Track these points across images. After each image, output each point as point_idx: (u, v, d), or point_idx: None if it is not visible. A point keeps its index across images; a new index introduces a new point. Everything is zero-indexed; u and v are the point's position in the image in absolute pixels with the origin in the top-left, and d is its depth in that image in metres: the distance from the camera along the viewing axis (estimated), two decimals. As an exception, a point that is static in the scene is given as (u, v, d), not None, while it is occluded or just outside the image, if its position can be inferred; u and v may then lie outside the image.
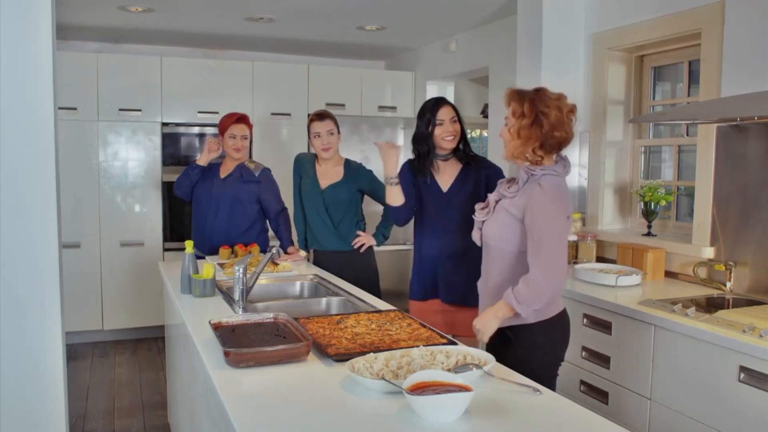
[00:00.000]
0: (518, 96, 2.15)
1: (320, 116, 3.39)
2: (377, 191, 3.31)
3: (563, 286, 2.17)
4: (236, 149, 3.59)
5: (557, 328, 2.15)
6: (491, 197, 2.22)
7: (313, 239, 3.45)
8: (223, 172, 3.66)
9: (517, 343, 2.10)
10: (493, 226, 2.15)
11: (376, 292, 3.21)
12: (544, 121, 2.07)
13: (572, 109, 2.15)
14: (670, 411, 2.33)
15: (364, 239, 3.34)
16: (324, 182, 3.39)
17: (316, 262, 3.44)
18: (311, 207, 3.39)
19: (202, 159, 3.64)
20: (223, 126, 3.61)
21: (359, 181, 3.38)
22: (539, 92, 2.14)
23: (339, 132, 3.43)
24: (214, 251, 3.48)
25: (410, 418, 1.41)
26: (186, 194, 3.69)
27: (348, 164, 3.43)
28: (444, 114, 2.68)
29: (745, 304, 2.56)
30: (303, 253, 3.51)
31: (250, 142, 5.34)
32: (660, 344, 2.38)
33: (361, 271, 3.32)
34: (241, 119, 3.62)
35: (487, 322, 2.06)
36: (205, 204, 3.60)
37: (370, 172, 3.44)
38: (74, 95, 4.86)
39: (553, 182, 2.09)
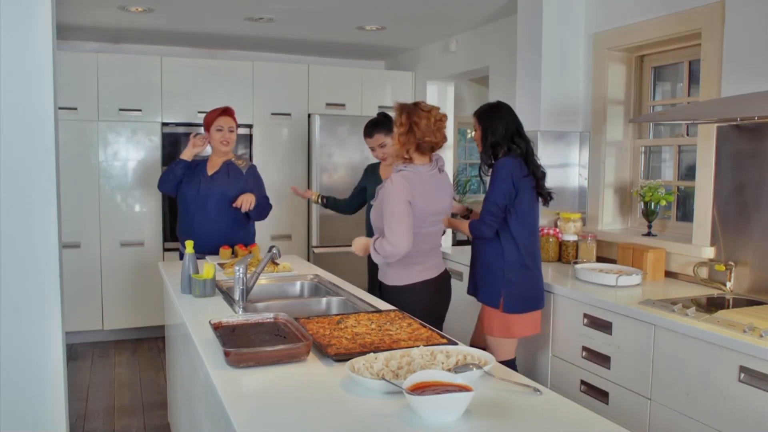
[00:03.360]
0: (399, 109, 2.71)
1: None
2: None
3: (404, 254, 2.62)
4: (224, 142, 3.58)
5: (409, 294, 2.74)
6: (377, 189, 2.77)
7: None
8: (210, 169, 3.63)
9: (383, 297, 2.78)
10: (373, 210, 2.78)
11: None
12: (416, 129, 2.63)
13: (441, 118, 2.69)
14: (671, 411, 2.33)
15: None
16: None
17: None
18: None
19: (187, 154, 3.60)
20: (209, 120, 3.59)
21: None
22: (415, 105, 2.70)
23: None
24: (203, 249, 3.41)
25: (410, 418, 1.41)
26: (171, 189, 3.66)
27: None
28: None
29: (745, 304, 2.56)
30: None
31: (250, 141, 5.38)
32: (660, 344, 2.38)
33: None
34: (227, 111, 3.62)
35: (361, 244, 2.77)
36: (193, 201, 3.58)
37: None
38: (74, 95, 4.87)
39: (404, 176, 2.64)
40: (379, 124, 3.45)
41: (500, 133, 2.77)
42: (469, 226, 2.83)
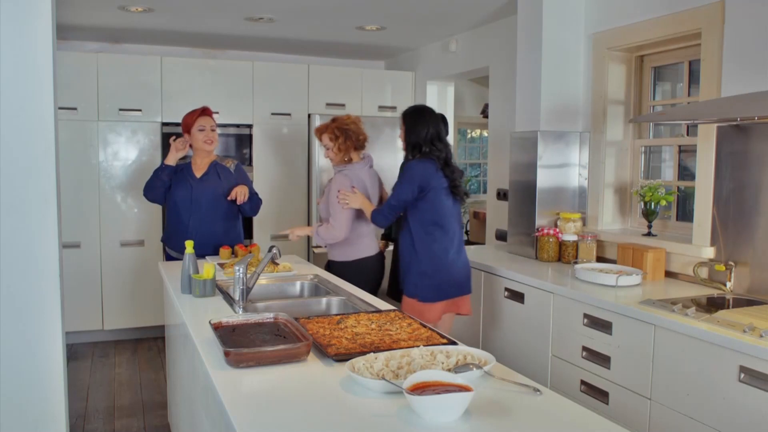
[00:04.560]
0: (324, 129, 3.38)
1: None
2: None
3: (343, 238, 3.29)
4: (208, 141, 3.56)
5: (350, 268, 3.32)
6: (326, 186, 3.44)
7: None
8: (198, 171, 3.61)
9: (332, 271, 3.32)
10: (322, 204, 3.42)
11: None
12: (350, 134, 3.32)
13: (356, 120, 3.39)
14: (671, 411, 2.33)
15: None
16: None
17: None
18: None
19: (170, 159, 3.57)
20: (189, 122, 3.57)
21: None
22: (336, 119, 3.37)
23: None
24: (198, 252, 3.35)
25: (410, 418, 1.41)
26: (160, 197, 3.62)
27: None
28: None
29: (745, 304, 2.56)
30: None
31: (250, 142, 5.38)
32: (660, 344, 2.38)
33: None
34: (206, 111, 3.61)
35: (301, 229, 3.53)
36: (185, 206, 3.55)
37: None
38: (74, 95, 4.86)
39: (345, 175, 3.33)
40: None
41: (422, 136, 3.04)
42: (371, 213, 3.21)
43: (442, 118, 3.26)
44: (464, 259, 3.15)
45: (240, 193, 3.52)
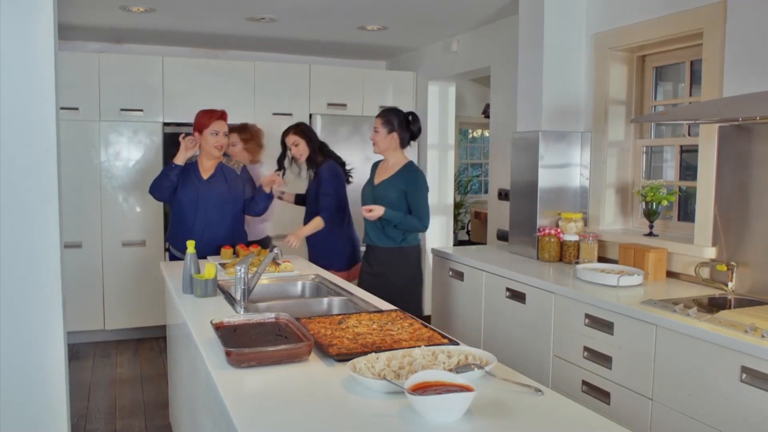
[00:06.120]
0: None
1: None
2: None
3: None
4: (218, 147, 3.54)
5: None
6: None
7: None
8: (205, 173, 3.59)
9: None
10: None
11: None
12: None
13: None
14: (672, 411, 2.33)
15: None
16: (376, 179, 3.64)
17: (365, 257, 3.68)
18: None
19: (180, 158, 3.52)
20: (204, 123, 3.52)
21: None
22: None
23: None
24: (202, 253, 3.38)
25: (412, 418, 1.41)
26: (167, 196, 3.58)
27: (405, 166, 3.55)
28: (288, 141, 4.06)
29: (747, 305, 2.56)
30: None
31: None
32: (662, 344, 2.38)
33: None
34: (223, 116, 3.58)
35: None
36: (191, 206, 3.53)
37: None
38: (76, 95, 4.87)
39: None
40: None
41: (318, 143, 4.00)
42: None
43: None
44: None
45: (276, 183, 3.60)
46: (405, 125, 3.49)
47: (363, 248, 3.69)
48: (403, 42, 5.58)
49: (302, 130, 4.01)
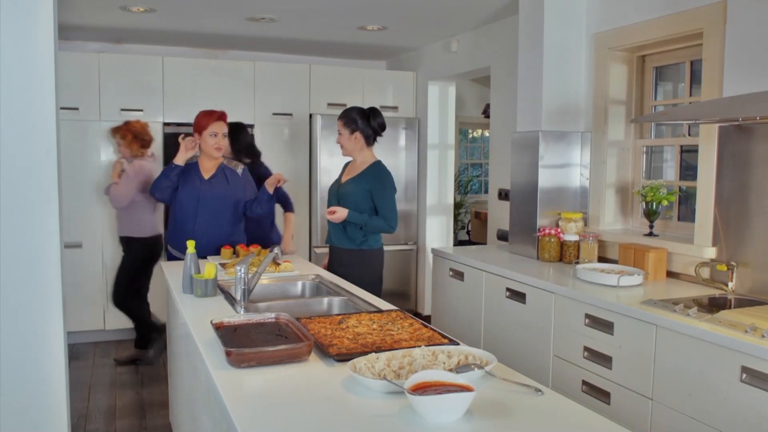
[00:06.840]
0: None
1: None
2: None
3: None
4: (218, 148, 3.55)
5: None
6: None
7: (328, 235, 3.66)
8: (206, 173, 3.60)
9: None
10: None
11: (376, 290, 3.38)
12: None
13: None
14: (672, 411, 2.33)
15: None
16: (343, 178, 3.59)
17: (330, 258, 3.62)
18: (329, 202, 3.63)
19: (180, 158, 3.54)
20: (203, 124, 3.54)
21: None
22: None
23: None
24: (203, 253, 3.39)
25: (412, 418, 1.41)
26: (167, 197, 3.60)
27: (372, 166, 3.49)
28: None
29: (747, 305, 2.56)
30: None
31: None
32: (662, 344, 2.38)
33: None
34: (222, 117, 3.59)
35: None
36: (192, 207, 3.54)
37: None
38: (76, 95, 4.87)
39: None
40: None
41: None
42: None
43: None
44: None
45: (282, 180, 3.61)
46: (366, 122, 3.43)
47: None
48: (403, 42, 5.58)
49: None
